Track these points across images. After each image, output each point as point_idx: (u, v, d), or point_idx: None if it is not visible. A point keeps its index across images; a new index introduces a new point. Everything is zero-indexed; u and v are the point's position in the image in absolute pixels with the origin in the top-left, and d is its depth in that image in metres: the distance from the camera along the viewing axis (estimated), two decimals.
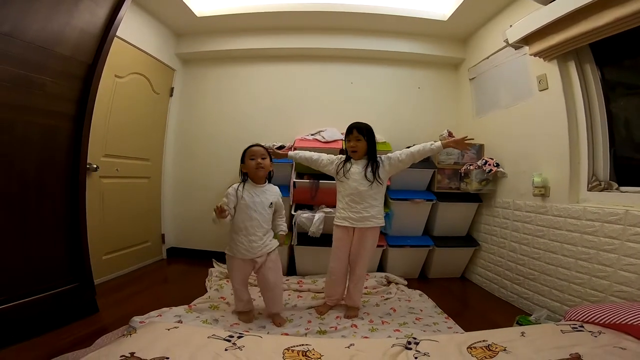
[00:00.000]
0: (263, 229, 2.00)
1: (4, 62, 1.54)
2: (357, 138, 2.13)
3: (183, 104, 3.64)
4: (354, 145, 2.13)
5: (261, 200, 2.00)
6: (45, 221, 1.84)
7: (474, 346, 1.34)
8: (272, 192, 2.09)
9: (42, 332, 1.75)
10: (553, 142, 2.29)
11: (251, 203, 1.96)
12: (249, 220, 1.95)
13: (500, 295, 2.67)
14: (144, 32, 2.99)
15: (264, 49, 3.48)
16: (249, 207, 1.95)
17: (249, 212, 1.95)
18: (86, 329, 1.84)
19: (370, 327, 2.02)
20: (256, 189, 2.02)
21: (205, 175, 3.60)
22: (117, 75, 2.69)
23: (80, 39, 1.87)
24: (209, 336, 1.36)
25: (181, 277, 3.03)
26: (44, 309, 1.79)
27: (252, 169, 1.99)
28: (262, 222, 2.00)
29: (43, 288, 1.81)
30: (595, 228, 1.93)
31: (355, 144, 2.13)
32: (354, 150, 2.14)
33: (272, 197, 2.06)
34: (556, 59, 2.25)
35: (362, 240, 2.13)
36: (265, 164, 2.00)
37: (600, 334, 1.36)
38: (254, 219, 1.96)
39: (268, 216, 2.04)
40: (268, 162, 2.03)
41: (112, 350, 1.19)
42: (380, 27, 3.31)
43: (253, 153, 2.00)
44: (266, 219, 2.02)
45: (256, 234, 1.97)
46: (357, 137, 2.12)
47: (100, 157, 2.58)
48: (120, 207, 2.85)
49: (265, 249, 1.99)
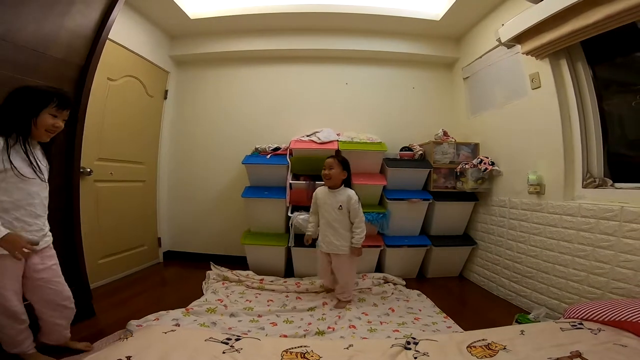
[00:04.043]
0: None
1: None
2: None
3: (177, 107, 3.63)
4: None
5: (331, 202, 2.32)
6: None
7: (474, 345, 1.34)
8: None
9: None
10: (547, 140, 2.30)
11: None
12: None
13: (499, 293, 2.67)
14: (137, 35, 2.97)
15: (258, 51, 3.47)
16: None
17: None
18: (83, 333, 1.81)
19: (369, 328, 2.01)
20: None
21: (201, 178, 3.58)
22: (110, 78, 2.67)
23: (72, 41, 1.86)
24: (207, 339, 1.35)
25: (178, 281, 3.01)
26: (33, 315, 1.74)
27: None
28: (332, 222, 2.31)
29: None
30: (591, 225, 1.93)
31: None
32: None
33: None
34: (548, 57, 2.27)
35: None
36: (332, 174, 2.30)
37: (600, 331, 1.37)
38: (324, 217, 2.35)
39: (337, 216, 2.30)
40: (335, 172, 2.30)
41: (108, 354, 1.18)
42: (374, 27, 3.32)
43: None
44: (336, 219, 2.30)
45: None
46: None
47: (94, 161, 2.55)
48: (115, 211, 2.82)
49: None
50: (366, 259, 2.93)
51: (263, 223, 3.06)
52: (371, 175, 3.05)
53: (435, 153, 3.00)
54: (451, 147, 3.02)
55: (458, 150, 3.03)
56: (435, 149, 3.01)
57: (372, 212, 2.88)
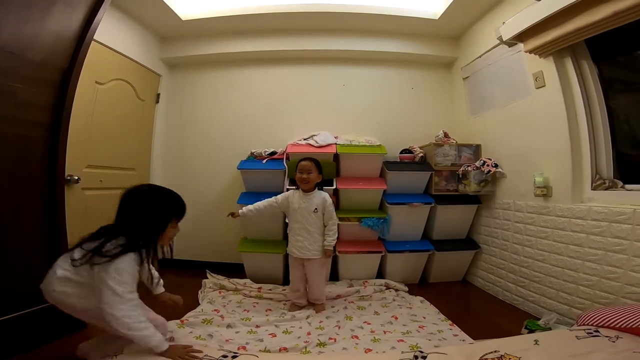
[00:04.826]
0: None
1: None
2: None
3: (170, 111, 3.52)
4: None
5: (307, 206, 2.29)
6: (23, 237, 1.71)
7: (486, 358, 1.26)
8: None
9: (26, 349, 1.66)
10: (553, 140, 2.23)
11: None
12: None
13: (505, 298, 2.59)
14: (126, 37, 2.87)
15: (253, 52, 3.38)
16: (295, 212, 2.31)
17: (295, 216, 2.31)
18: (75, 345, 1.70)
19: (372, 338, 1.92)
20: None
21: (195, 184, 3.48)
22: (98, 81, 2.56)
23: (55, 44, 1.75)
24: (202, 357, 1.30)
25: (173, 289, 2.88)
26: (27, 327, 1.68)
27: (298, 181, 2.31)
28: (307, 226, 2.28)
29: (22, 305, 1.68)
30: (602, 228, 1.86)
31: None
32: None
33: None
34: (552, 56, 2.20)
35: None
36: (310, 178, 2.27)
37: (617, 338, 1.30)
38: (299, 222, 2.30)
39: (313, 220, 2.28)
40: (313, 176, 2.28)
41: None
42: (371, 27, 3.24)
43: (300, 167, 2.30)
44: (312, 223, 2.28)
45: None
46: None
47: (82, 168, 2.44)
48: (105, 220, 2.63)
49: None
50: (367, 265, 2.86)
51: (260, 230, 2.97)
52: (371, 180, 2.97)
53: (436, 155, 2.92)
54: (452, 149, 2.95)
55: (459, 151, 2.96)
56: (436, 151, 2.93)
57: (373, 218, 2.80)
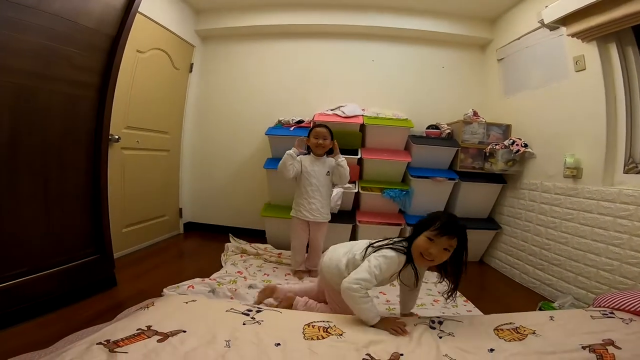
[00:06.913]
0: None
1: (29, 34, 1.52)
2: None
3: (202, 80, 3.62)
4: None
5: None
6: (67, 191, 1.81)
7: (501, 328, 1.30)
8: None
9: (60, 306, 1.73)
10: (588, 123, 2.17)
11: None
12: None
13: (521, 280, 2.61)
14: (165, 9, 2.96)
15: (284, 26, 3.39)
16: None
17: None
18: (105, 303, 1.83)
19: (387, 307, 1.99)
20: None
21: (223, 150, 3.61)
22: (139, 50, 2.68)
23: (104, 13, 1.84)
24: (227, 310, 1.33)
25: (197, 252, 3.06)
26: (63, 282, 1.77)
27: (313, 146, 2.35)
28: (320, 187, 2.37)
29: (62, 260, 1.78)
30: (630, 212, 1.83)
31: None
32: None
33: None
34: (595, 40, 2.11)
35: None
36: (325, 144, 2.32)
37: (631, 321, 1.31)
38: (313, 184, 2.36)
39: (325, 182, 2.37)
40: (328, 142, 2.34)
41: (129, 323, 1.17)
42: (404, 4, 3.19)
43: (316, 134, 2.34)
44: (324, 184, 2.37)
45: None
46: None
47: (121, 129, 2.59)
48: (140, 180, 2.88)
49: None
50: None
51: (284, 195, 2.98)
52: (395, 152, 2.99)
53: (464, 132, 2.89)
54: (481, 127, 2.91)
55: (488, 130, 2.91)
56: (464, 129, 2.90)
57: (395, 189, 2.83)
